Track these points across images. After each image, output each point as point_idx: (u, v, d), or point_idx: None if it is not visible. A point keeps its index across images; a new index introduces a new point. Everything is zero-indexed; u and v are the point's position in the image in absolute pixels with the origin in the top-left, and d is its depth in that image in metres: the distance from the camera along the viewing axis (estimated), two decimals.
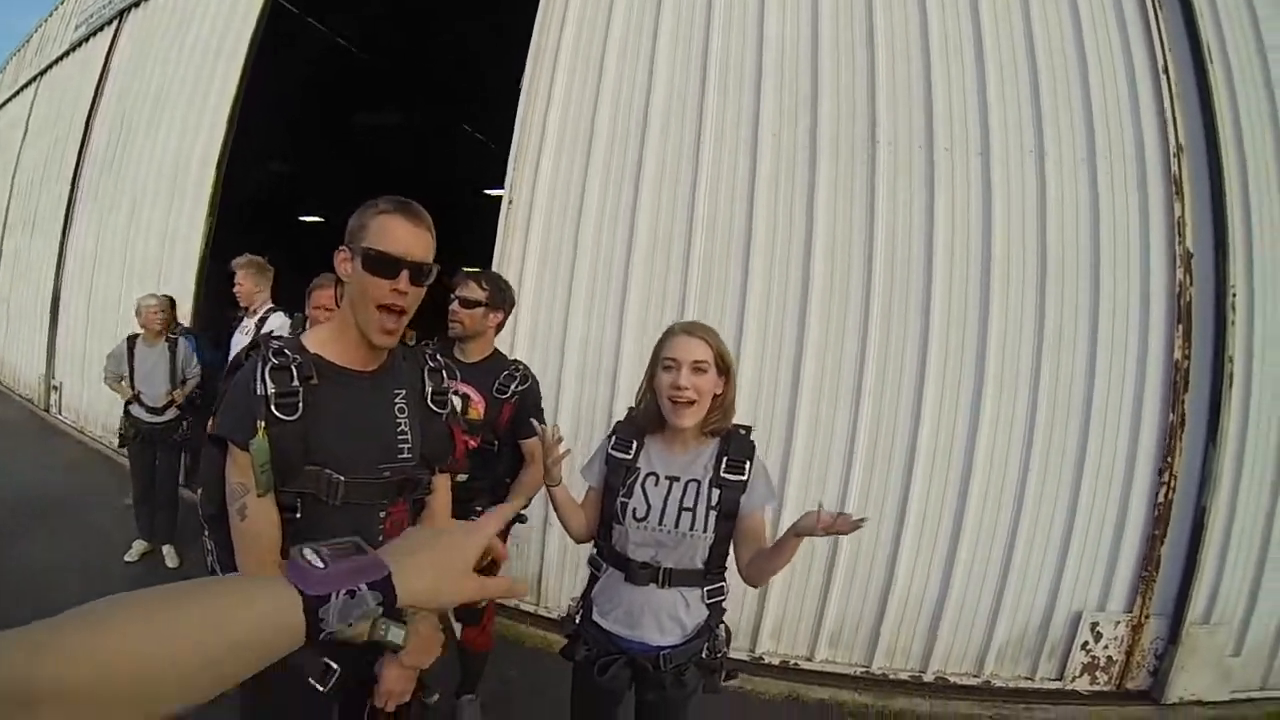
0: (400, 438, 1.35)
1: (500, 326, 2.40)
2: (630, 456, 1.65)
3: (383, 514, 1.35)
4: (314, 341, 1.32)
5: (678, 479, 1.62)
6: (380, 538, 1.31)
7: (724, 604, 1.68)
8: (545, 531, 3.46)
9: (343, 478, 1.26)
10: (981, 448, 3.09)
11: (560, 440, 1.65)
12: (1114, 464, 3.12)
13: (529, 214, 3.57)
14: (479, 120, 10.52)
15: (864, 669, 3.21)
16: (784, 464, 3.19)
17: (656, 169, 3.41)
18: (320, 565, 0.63)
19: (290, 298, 3.47)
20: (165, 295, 3.95)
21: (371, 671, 1.34)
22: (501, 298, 2.34)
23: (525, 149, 3.63)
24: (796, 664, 3.23)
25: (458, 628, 2.54)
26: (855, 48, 3.31)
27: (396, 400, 1.37)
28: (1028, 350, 3.10)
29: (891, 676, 3.19)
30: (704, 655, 1.64)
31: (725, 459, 1.60)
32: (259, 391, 1.21)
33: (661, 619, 1.62)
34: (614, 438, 1.69)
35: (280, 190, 12.26)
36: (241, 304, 3.69)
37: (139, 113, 7.54)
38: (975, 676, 3.18)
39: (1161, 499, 3.11)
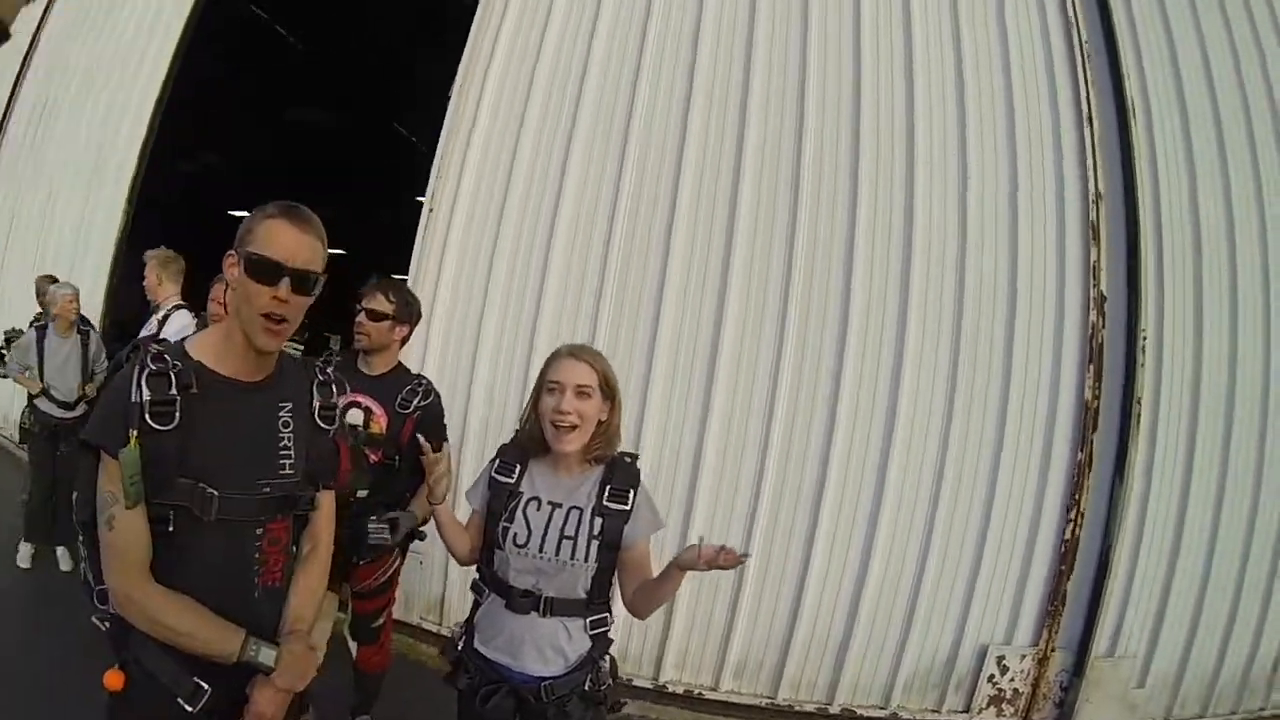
0: (283, 453, 1.32)
1: (406, 340, 2.36)
2: (513, 481, 1.63)
3: (259, 530, 1.31)
4: (197, 348, 1.29)
5: (560, 505, 1.59)
6: (257, 554, 1.30)
7: (609, 634, 1.65)
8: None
9: (217, 492, 1.22)
10: (892, 479, 3.12)
11: (440, 459, 1.65)
12: (1023, 500, 3.17)
13: (449, 223, 3.52)
14: (410, 121, 10.27)
15: (769, 700, 3.20)
16: (690, 493, 3.21)
17: (578, 187, 3.40)
18: None
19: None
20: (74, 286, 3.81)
21: (244, 693, 1.29)
22: (408, 311, 2.30)
23: (450, 157, 3.57)
24: (700, 693, 3.21)
25: (354, 647, 2.48)
26: (789, 57, 3.36)
27: (281, 414, 1.33)
28: (941, 382, 3.15)
29: (797, 708, 3.19)
30: (587, 687, 1.60)
31: (609, 487, 1.58)
32: (134, 398, 1.18)
33: (543, 649, 1.59)
34: (498, 460, 1.67)
35: (210, 184, 11.85)
36: (149, 299, 3.53)
37: (64, 91, 7.26)
38: (882, 709, 3.19)
39: (1069, 535, 3.17)
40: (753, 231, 3.25)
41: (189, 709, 1.24)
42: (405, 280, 2.29)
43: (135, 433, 1.16)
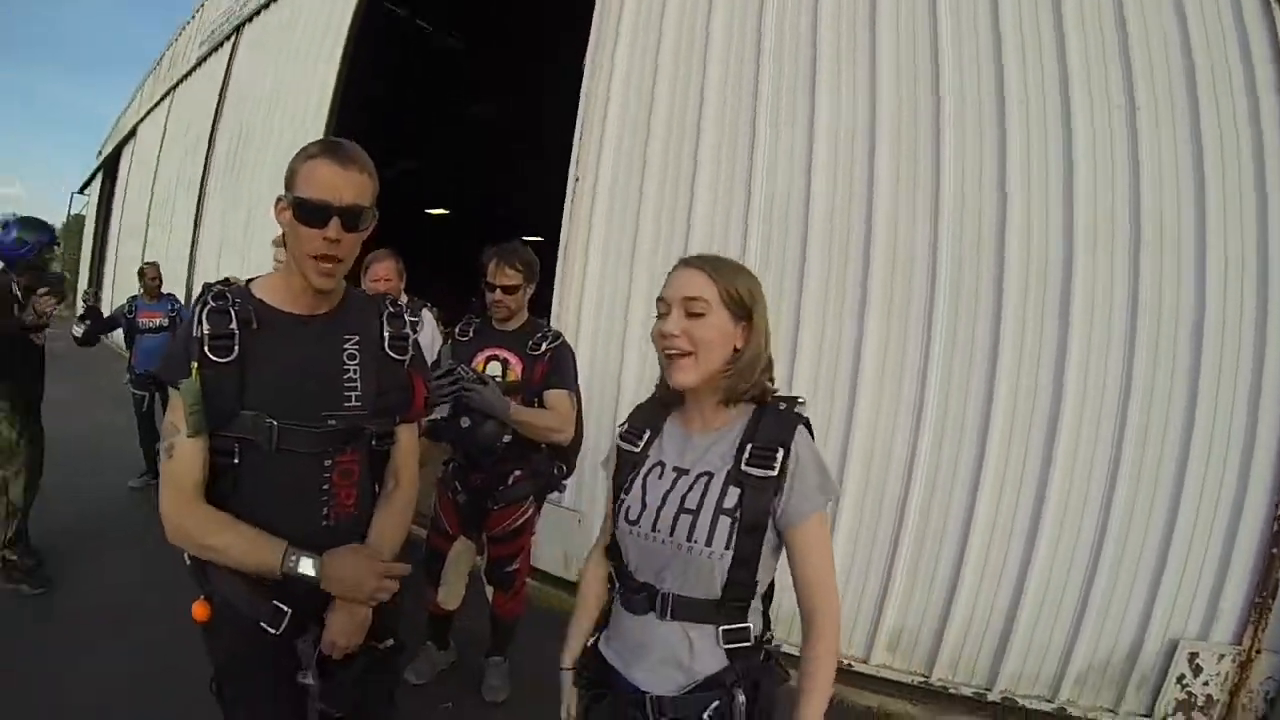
0: (348, 385, 1.36)
1: (533, 293, 2.68)
2: (640, 447, 1.34)
3: (328, 462, 1.35)
4: (260, 287, 1.38)
5: (687, 471, 1.26)
6: (325, 486, 1.35)
7: (749, 652, 1.27)
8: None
9: (277, 423, 1.28)
10: (1064, 435, 2.98)
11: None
12: (1223, 472, 2.87)
13: (594, 190, 3.98)
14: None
15: (923, 678, 3.19)
16: (846, 428, 3.29)
17: (714, 138, 3.67)
18: None
19: (421, 289, 3.92)
20: None
21: (324, 617, 1.36)
22: (532, 271, 2.61)
23: (590, 125, 4.01)
24: (850, 665, 3.25)
25: (490, 592, 2.77)
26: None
27: (346, 347, 1.38)
28: (1118, 336, 2.94)
29: (952, 690, 3.14)
30: (711, 715, 1.23)
31: (751, 445, 1.21)
32: (195, 333, 1.27)
33: (659, 660, 1.27)
34: (626, 424, 1.41)
35: (400, 188, 13.59)
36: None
37: (255, 118, 8.49)
38: (1049, 701, 3.04)
39: None
40: (895, 175, 3.26)
41: (272, 631, 1.32)
42: (521, 243, 2.59)
43: (196, 365, 1.25)
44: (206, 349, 1.26)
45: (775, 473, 1.18)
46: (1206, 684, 2.91)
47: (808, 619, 1.25)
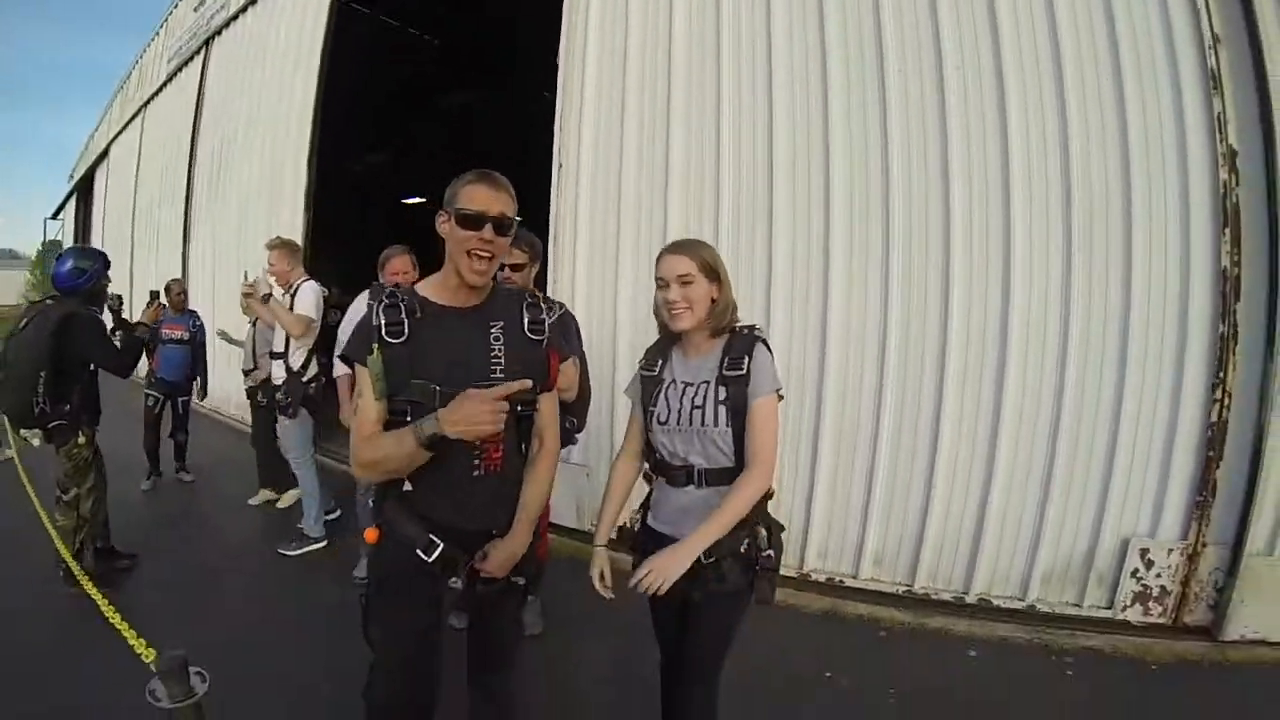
0: (494, 361, 1.71)
1: (538, 271, 3.04)
2: (656, 372, 1.98)
3: None
4: (423, 287, 1.78)
5: (691, 383, 1.90)
6: (477, 444, 1.69)
7: (763, 503, 1.89)
8: (612, 459, 4.16)
9: (439, 388, 1.63)
10: (1012, 361, 3.35)
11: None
12: (1159, 378, 3.24)
13: (577, 175, 4.35)
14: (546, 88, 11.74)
15: (906, 588, 3.60)
16: (820, 375, 3.69)
17: (684, 112, 4.07)
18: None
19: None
20: None
21: (469, 551, 1.74)
22: (536, 251, 2.96)
23: (568, 114, 4.37)
24: (841, 581, 3.66)
25: None
26: None
27: (493, 330, 1.74)
28: (1056, 259, 3.30)
29: (934, 596, 3.55)
30: (743, 549, 1.83)
31: (728, 357, 1.86)
32: (373, 322, 1.66)
33: (702, 518, 1.81)
34: (644, 359, 2.04)
35: (376, 177, 13.86)
36: (278, 283, 4.26)
37: (235, 127, 8.81)
38: (1020, 600, 3.44)
39: (1215, 417, 3.19)
40: (847, 141, 3.64)
41: (425, 558, 1.71)
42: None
43: (376, 345, 1.64)
44: (383, 333, 1.65)
45: (744, 371, 1.82)
46: (1159, 575, 3.29)
47: (747, 466, 1.81)
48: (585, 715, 2.71)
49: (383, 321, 1.65)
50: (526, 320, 1.79)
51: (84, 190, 20.86)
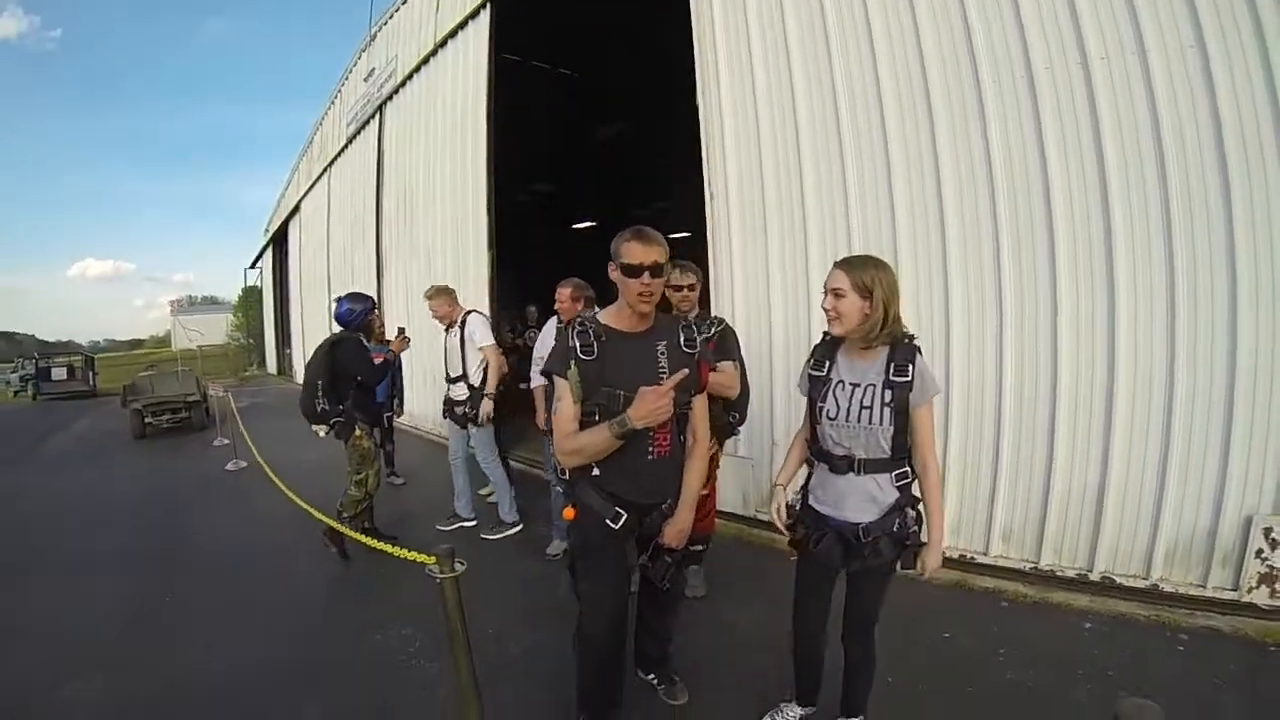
0: (660, 371, 2.24)
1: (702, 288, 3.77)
2: (824, 372, 2.30)
3: None
4: (605, 316, 2.33)
5: (859, 384, 2.21)
6: (650, 434, 2.27)
7: (910, 486, 2.26)
8: (773, 453, 4.99)
9: (622, 393, 2.18)
10: (1123, 336, 3.64)
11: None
12: (1273, 352, 3.31)
13: (726, 202, 5.21)
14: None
15: (1032, 565, 3.99)
16: (946, 369, 4.22)
17: (810, 141, 4.77)
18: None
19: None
20: None
21: (649, 523, 2.40)
22: (699, 273, 3.67)
23: (713, 148, 5.28)
24: (972, 557, 4.13)
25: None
26: None
27: (659, 348, 2.27)
28: (1157, 226, 3.52)
29: (1058, 573, 3.89)
30: (895, 529, 2.21)
31: (893, 364, 2.16)
32: (571, 344, 2.23)
33: (860, 500, 2.24)
34: (811, 359, 2.37)
35: (544, 207, 15.58)
36: (443, 323, 5.30)
37: (416, 179, 10.39)
38: (1143, 579, 3.67)
39: None
40: (955, 166, 4.16)
41: (613, 526, 2.31)
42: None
43: (574, 361, 2.21)
44: (579, 353, 2.21)
45: (909, 379, 2.15)
46: None
47: (921, 466, 2.23)
48: (738, 668, 3.22)
49: (578, 345, 2.22)
50: (682, 339, 2.33)
51: (278, 241, 24.35)
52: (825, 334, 2.35)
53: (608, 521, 2.32)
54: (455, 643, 2.21)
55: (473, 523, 5.48)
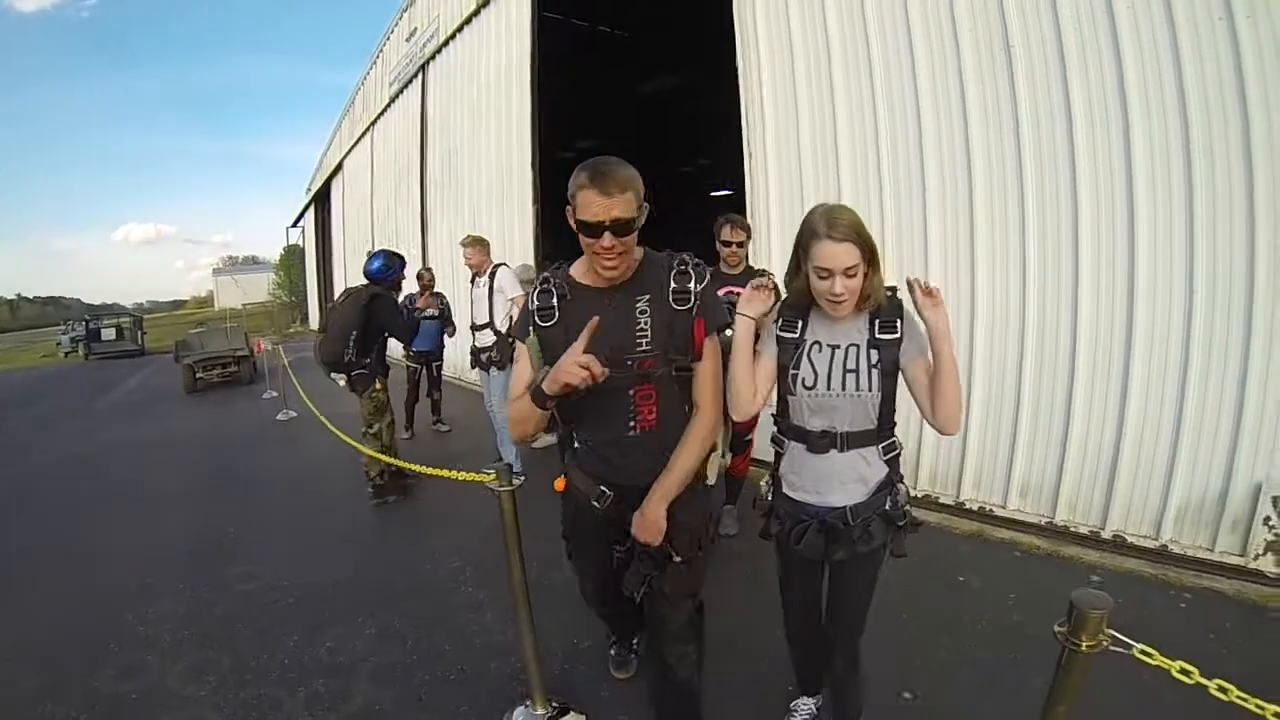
0: (639, 334, 1.86)
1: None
2: (796, 334, 1.97)
3: (631, 391, 1.91)
4: (574, 269, 1.97)
5: (839, 345, 1.91)
6: (631, 407, 1.92)
7: (899, 458, 2.01)
8: None
9: None
10: (1140, 307, 3.77)
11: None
12: None
13: (765, 163, 5.45)
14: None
15: (1048, 519, 4.24)
16: (970, 325, 4.43)
17: (845, 96, 4.97)
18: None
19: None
20: None
21: (630, 503, 1.97)
22: (748, 231, 3.95)
23: (752, 108, 5.55)
24: (990, 510, 4.42)
25: (729, 458, 3.75)
26: None
27: (639, 304, 1.86)
28: (1178, 178, 3.59)
29: (1072, 529, 4.13)
30: (887, 507, 1.96)
31: (878, 321, 1.88)
32: (530, 308, 1.94)
33: (846, 481, 1.96)
34: (780, 319, 2.01)
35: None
36: (474, 271, 5.62)
37: (460, 138, 10.74)
38: (1153, 539, 3.82)
39: None
40: (984, 126, 4.31)
41: (596, 506, 2.03)
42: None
43: (532, 328, 1.91)
44: (536, 318, 1.91)
45: (898, 335, 1.87)
46: None
47: (934, 390, 1.83)
48: (769, 609, 3.49)
49: (535, 306, 1.92)
50: (671, 289, 1.87)
51: (321, 200, 24.97)
52: (791, 295, 2.01)
53: (592, 502, 2.06)
54: (510, 552, 2.57)
55: (522, 479, 5.83)
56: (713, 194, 16.99)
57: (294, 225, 30.74)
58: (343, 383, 5.14)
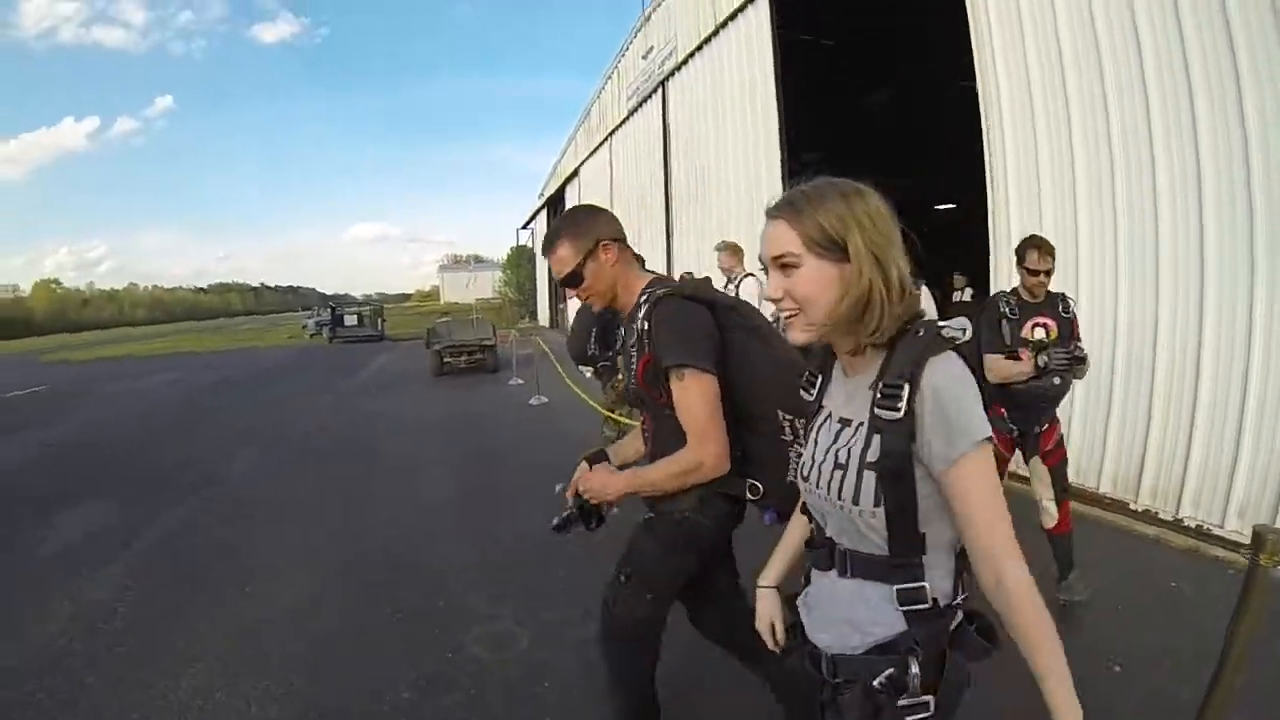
0: (632, 366, 1.93)
1: None
2: (814, 395, 1.31)
3: (641, 416, 2.14)
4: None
5: (849, 421, 1.18)
6: (646, 436, 2.07)
7: (927, 619, 1.13)
8: None
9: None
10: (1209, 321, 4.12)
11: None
12: None
13: (1004, 173, 5.72)
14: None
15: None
16: (1153, 348, 4.62)
17: (1080, 119, 5.13)
18: None
19: None
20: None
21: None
22: (1052, 259, 3.45)
23: (991, 116, 5.78)
24: (1209, 529, 4.37)
25: (1054, 511, 3.52)
26: None
27: (630, 340, 1.95)
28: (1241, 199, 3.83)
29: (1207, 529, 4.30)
30: (880, 682, 1.13)
31: (882, 383, 1.09)
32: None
33: (832, 617, 1.24)
34: (805, 371, 1.35)
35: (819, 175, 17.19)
36: (726, 275, 6.17)
37: (706, 157, 11.64)
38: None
39: None
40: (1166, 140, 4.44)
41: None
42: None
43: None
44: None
45: (901, 414, 1.06)
46: None
47: (992, 578, 1.04)
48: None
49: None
50: (639, 328, 1.87)
51: (554, 204, 27.06)
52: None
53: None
54: None
55: None
56: (936, 207, 16.91)
57: (524, 227, 33.09)
58: (589, 373, 5.57)
